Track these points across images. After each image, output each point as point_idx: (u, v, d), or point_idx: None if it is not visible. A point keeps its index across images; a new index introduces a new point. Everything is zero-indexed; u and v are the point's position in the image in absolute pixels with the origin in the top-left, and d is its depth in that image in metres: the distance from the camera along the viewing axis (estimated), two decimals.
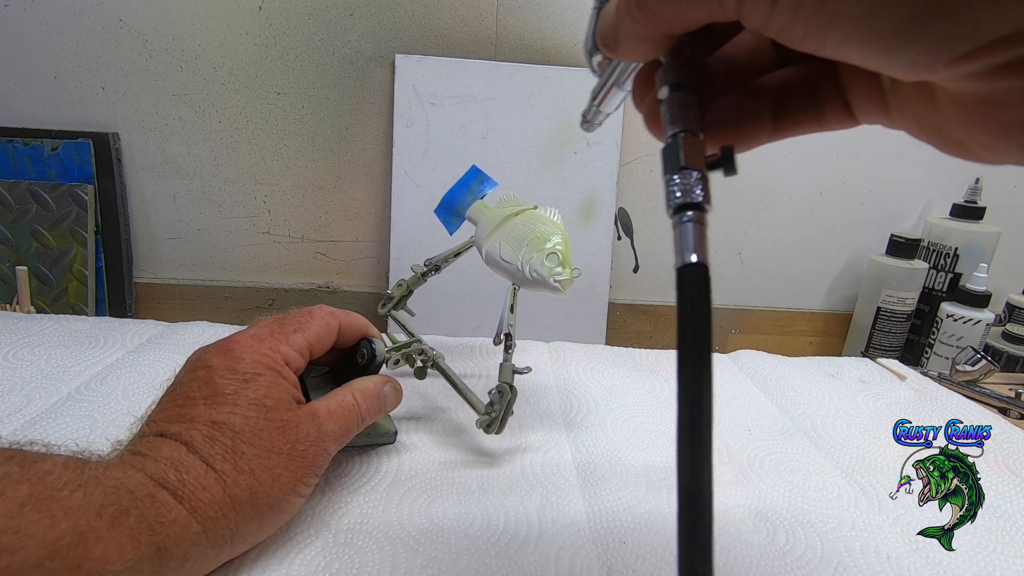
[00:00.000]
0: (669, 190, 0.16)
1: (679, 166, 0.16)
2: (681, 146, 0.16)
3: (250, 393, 0.29)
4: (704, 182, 0.16)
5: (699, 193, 0.15)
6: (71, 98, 0.73)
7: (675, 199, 0.15)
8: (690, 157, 0.16)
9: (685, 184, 0.15)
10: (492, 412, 0.36)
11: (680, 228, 0.15)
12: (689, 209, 0.15)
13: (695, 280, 0.15)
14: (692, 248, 0.15)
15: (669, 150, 0.16)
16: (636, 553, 0.31)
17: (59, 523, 0.21)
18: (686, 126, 0.16)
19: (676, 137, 0.16)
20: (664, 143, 0.16)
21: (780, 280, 0.89)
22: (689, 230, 0.15)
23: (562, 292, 0.35)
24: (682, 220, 0.15)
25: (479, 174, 0.42)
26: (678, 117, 0.16)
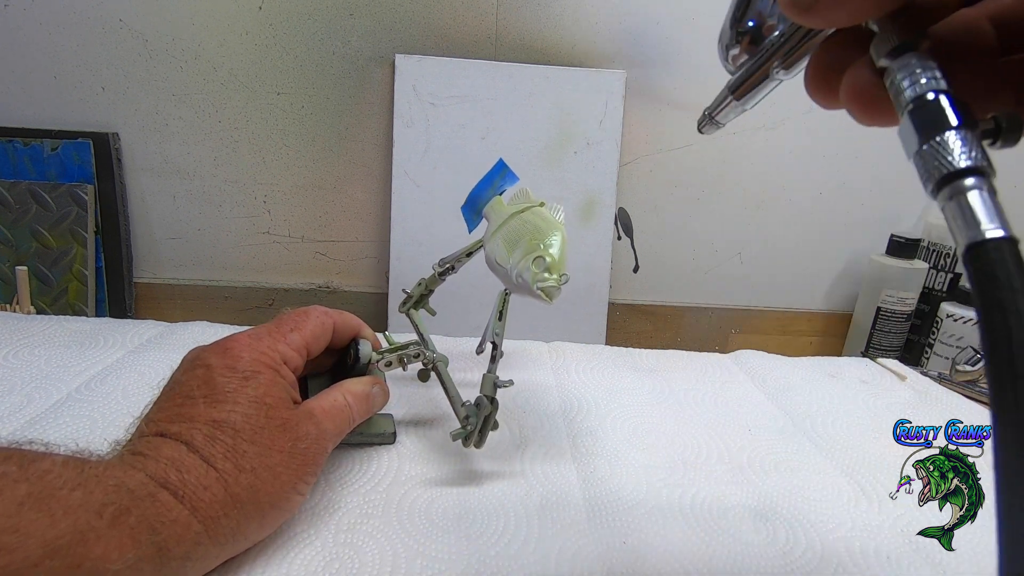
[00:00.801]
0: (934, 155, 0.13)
1: (947, 126, 0.13)
2: (947, 105, 0.13)
3: (250, 391, 0.29)
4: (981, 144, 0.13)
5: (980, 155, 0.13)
6: (71, 98, 0.73)
7: (946, 166, 0.13)
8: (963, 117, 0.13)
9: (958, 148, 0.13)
10: (468, 426, 0.36)
11: (960, 199, 0.12)
12: (970, 175, 0.12)
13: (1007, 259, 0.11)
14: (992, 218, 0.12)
15: (926, 112, 0.13)
16: (636, 553, 0.31)
17: (59, 522, 0.21)
18: (940, 85, 0.13)
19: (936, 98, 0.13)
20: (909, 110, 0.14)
21: (780, 280, 0.89)
22: (978, 198, 0.12)
23: (546, 301, 0.31)
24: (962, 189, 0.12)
25: (503, 168, 0.40)
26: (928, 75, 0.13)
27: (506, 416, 0.44)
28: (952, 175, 0.12)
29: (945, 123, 0.13)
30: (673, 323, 0.88)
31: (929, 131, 0.13)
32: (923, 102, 0.13)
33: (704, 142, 0.80)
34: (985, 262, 0.11)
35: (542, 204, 0.37)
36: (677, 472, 0.39)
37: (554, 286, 0.31)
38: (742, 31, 0.18)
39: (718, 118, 0.23)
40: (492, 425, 0.36)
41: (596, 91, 0.75)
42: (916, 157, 0.13)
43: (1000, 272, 0.11)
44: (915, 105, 0.13)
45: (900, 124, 0.14)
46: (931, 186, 0.13)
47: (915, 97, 0.14)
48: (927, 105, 0.13)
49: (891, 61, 0.14)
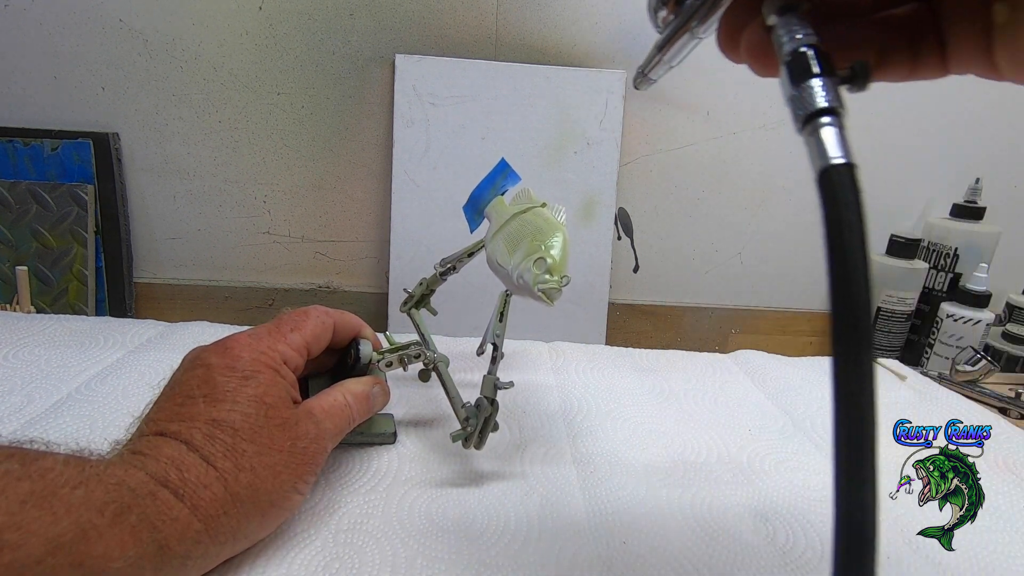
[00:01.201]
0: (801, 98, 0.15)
1: (810, 73, 0.15)
2: (811, 57, 0.16)
3: (249, 391, 0.29)
4: (837, 89, 0.15)
5: (835, 98, 0.15)
6: (71, 98, 0.73)
7: (808, 106, 0.15)
8: (823, 66, 0.15)
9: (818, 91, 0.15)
10: (468, 427, 0.36)
11: (817, 134, 0.15)
12: (826, 115, 0.15)
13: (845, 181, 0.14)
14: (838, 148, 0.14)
15: (797, 63, 0.16)
16: (636, 553, 0.31)
17: (61, 520, 0.21)
18: (811, 40, 0.16)
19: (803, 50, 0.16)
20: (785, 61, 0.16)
21: (780, 280, 0.89)
22: (830, 132, 0.15)
23: (547, 302, 0.31)
24: (819, 126, 0.15)
25: (505, 168, 0.40)
26: (799, 31, 0.16)
27: (506, 416, 0.44)
28: (812, 114, 0.15)
29: (810, 72, 0.15)
30: (673, 323, 0.88)
31: (798, 79, 0.16)
32: (796, 54, 0.16)
33: (704, 142, 0.80)
34: (829, 183, 0.14)
35: (544, 205, 0.37)
36: (677, 472, 0.39)
37: (555, 288, 0.31)
38: None
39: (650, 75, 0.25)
40: (492, 427, 0.36)
41: (596, 91, 0.75)
42: (789, 102, 0.16)
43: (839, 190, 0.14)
44: (790, 57, 0.16)
45: (780, 74, 0.16)
46: (798, 124, 0.15)
47: (790, 51, 0.16)
48: (798, 57, 0.16)
49: (776, 20, 0.17)
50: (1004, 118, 0.83)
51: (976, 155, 0.85)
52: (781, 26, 0.16)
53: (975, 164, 0.84)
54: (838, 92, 0.15)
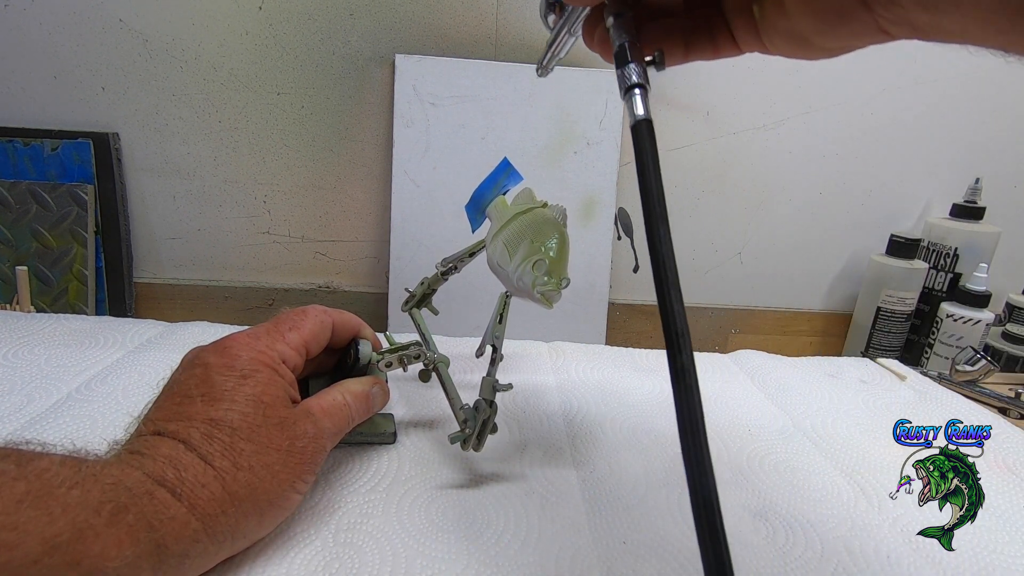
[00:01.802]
0: (622, 77, 0.23)
1: (627, 60, 0.23)
2: (628, 48, 0.23)
3: (247, 390, 0.29)
4: (644, 70, 0.23)
5: (642, 76, 0.22)
6: (71, 98, 0.73)
7: (626, 82, 0.22)
8: (634, 55, 0.23)
9: (632, 72, 0.22)
10: (466, 429, 0.35)
11: (631, 100, 0.22)
12: (636, 88, 0.22)
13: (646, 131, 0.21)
14: (641, 109, 0.22)
15: (619, 53, 0.23)
16: (636, 553, 0.31)
17: (57, 520, 0.21)
18: (630, 38, 0.23)
19: (624, 44, 0.23)
20: (614, 52, 0.23)
21: (780, 280, 0.89)
22: (638, 99, 0.22)
23: (546, 305, 0.31)
24: (632, 94, 0.22)
25: (507, 167, 0.39)
26: (623, 32, 0.23)
27: (506, 416, 0.44)
28: (629, 87, 0.22)
29: (626, 58, 0.23)
30: None
31: (620, 63, 0.23)
32: (619, 47, 0.23)
33: (704, 142, 0.80)
34: (637, 131, 0.21)
35: (545, 205, 0.37)
36: (677, 472, 0.39)
37: (554, 290, 0.31)
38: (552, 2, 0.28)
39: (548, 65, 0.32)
40: (491, 428, 0.36)
41: (596, 91, 0.75)
42: (618, 79, 0.23)
43: (641, 134, 0.21)
44: (616, 49, 0.23)
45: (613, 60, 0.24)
46: (622, 93, 0.22)
47: (617, 45, 0.23)
48: (620, 49, 0.23)
49: (611, 23, 0.24)
50: (1004, 118, 0.83)
51: (976, 155, 0.85)
52: (612, 28, 0.24)
53: (975, 164, 0.84)
54: (645, 71, 0.23)
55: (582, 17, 0.27)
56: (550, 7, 0.28)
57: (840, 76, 0.78)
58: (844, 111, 0.79)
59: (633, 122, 0.21)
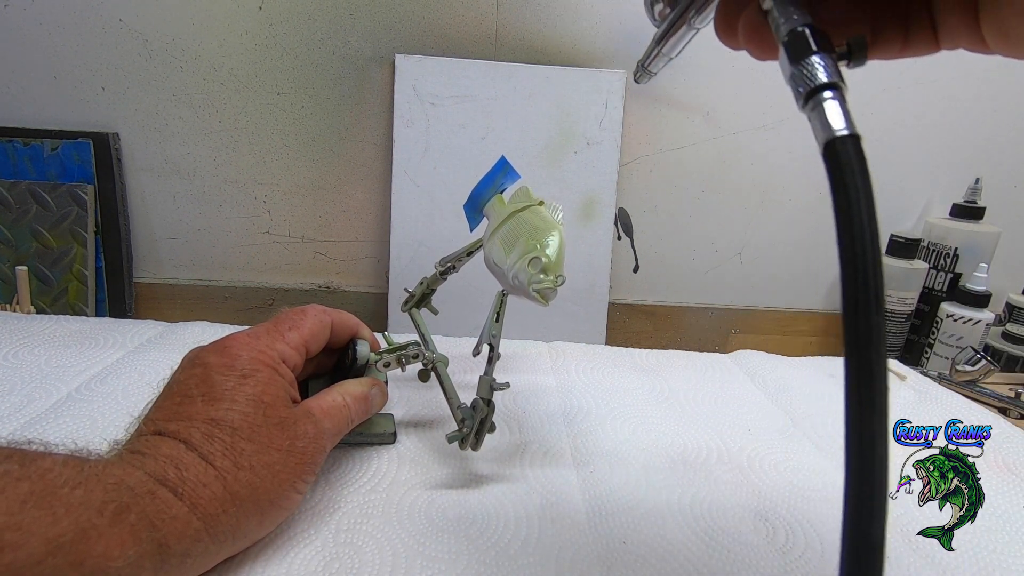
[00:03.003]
0: (802, 75, 0.16)
1: (810, 51, 0.16)
2: (810, 35, 0.16)
3: (248, 390, 0.29)
4: (836, 64, 0.16)
5: (835, 73, 0.16)
6: (71, 98, 0.73)
7: (810, 82, 0.16)
8: (819, 43, 0.16)
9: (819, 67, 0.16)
10: (464, 428, 0.36)
11: (820, 108, 0.15)
12: (828, 90, 0.15)
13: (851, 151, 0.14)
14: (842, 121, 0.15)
15: (795, 42, 0.16)
16: (636, 553, 0.31)
17: (60, 520, 0.21)
18: (807, 20, 0.17)
19: (802, 29, 0.16)
20: (783, 41, 0.17)
21: (780, 280, 0.89)
22: (833, 106, 0.15)
23: (542, 302, 0.31)
24: (821, 100, 0.15)
25: (505, 166, 0.39)
26: (797, 12, 0.17)
27: (506, 416, 0.44)
28: (814, 90, 0.16)
29: (808, 49, 0.16)
30: (673, 323, 0.88)
31: (797, 57, 0.16)
32: (793, 34, 0.17)
33: (704, 142, 0.80)
34: (835, 154, 0.14)
35: (541, 203, 0.36)
36: (677, 472, 0.39)
37: (550, 288, 0.31)
38: None
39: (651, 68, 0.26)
40: (489, 428, 0.36)
41: (596, 91, 0.75)
42: (790, 80, 0.16)
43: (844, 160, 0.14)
44: (788, 37, 0.17)
45: (779, 55, 0.17)
46: (801, 101, 0.16)
47: (788, 31, 0.17)
48: (795, 36, 0.16)
49: (772, 3, 0.17)
50: (1004, 118, 0.83)
51: (976, 155, 0.85)
52: (777, 8, 0.17)
53: (975, 164, 0.84)
54: (837, 67, 0.16)
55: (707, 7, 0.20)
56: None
57: None
58: None
59: (828, 140, 0.15)
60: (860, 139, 0.14)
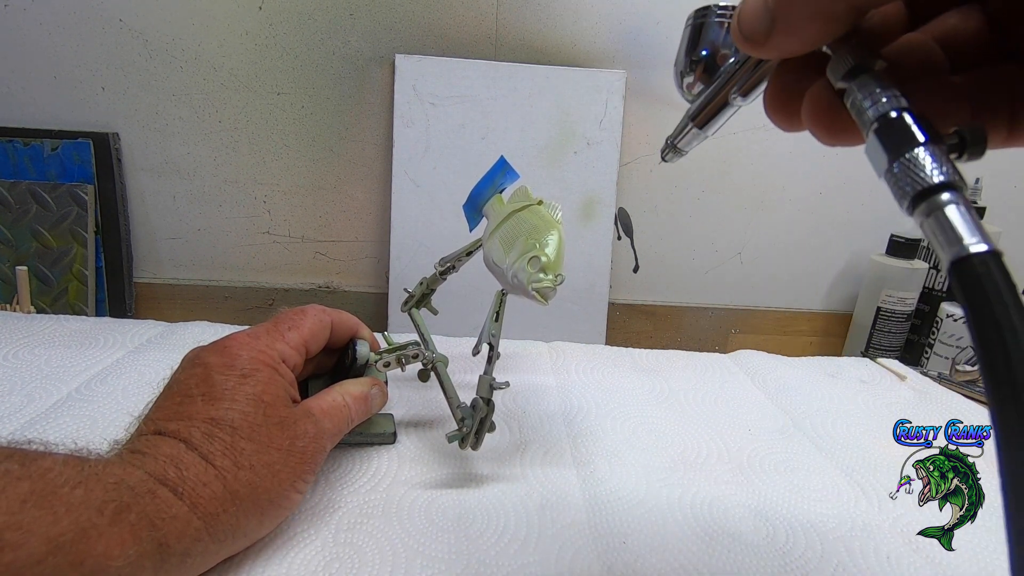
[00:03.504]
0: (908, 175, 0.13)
1: (917, 143, 0.13)
2: (912, 123, 0.13)
3: (248, 389, 0.29)
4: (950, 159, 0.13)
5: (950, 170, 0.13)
6: (71, 98, 0.73)
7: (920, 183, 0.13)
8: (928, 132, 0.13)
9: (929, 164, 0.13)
10: (463, 428, 0.36)
11: (939, 214, 0.12)
12: (946, 191, 0.12)
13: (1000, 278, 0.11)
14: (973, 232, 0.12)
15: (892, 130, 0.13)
16: (636, 553, 0.31)
17: (61, 519, 0.21)
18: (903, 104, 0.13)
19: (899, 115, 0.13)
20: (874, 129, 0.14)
21: (780, 280, 0.89)
22: (956, 213, 0.12)
23: (541, 302, 0.31)
24: (940, 204, 0.12)
25: (504, 166, 0.39)
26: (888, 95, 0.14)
27: (506, 416, 0.44)
28: (927, 191, 0.12)
29: (913, 140, 0.13)
30: (673, 323, 0.88)
31: (897, 148, 0.13)
32: (887, 120, 0.14)
33: (704, 142, 0.80)
34: (972, 277, 0.11)
35: (540, 202, 0.36)
36: (677, 472, 0.39)
37: (549, 287, 0.31)
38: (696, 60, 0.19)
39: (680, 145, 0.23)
40: (489, 427, 0.35)
41: (596, 91, 0.75)
42: (887, 175, 0.13)
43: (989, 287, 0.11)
44: (880, 124, 0.14)
45: (867, 143, 0.14)
46: (906, 203, 0.13)
47: (879, 116, 0.14)
48: (892, 123, 0.13)
49: (850, 82, 0.14)
50: None
51: None
52: (859, 88, 0.14)
53: (975, 164, 0.84)
54: (952, 162, 0.13)
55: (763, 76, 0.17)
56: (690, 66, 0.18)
57: None
58: None
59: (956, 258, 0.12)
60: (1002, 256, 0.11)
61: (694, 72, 0.17)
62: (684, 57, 0.17)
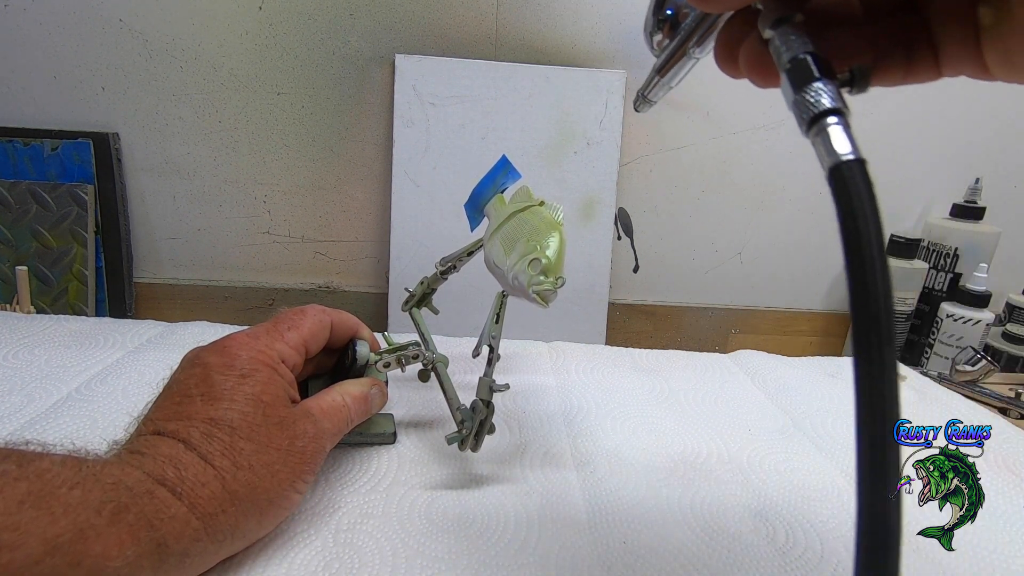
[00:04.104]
0: (805, 102, 0.16)
1: (813, 78, 0.16)
2: (812, 62, 0.16)
3: (247, 389, 0.29)
4: (839, 91, 0.16)
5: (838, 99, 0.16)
6: (71, 98, 0.73)
7: (812, 108, 0.16)
8: (822, 70, 0.16)
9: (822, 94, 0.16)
10: (463, 430, 0.35)
11: (825, 134, 0.15)
12: (831, 115, 0.15)
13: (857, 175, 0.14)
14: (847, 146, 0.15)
15: (798, 69, 0.16)
16: (636, 553, 0.31)
17: (58, 520, 0.21)
18: (809, 47, 0.17)
19: (804, 57, 0.17)
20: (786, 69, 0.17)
21: (780, 280, 0.89)
22: (837, 131, 0.15)
23: (541, 304, 0.31)
24: (825, 126, 0.15)
25: (506, 165, 0.39)
26: (798, 40, 0.17)
27: (506, 416, 0.44)
28: (818, 115, 0.15)
29: (811, 76, 0.16)
30: (673, 323, 0.88)
31: (799, 84, 0.16)
32: (795, 61, 0.17)
33: (704, 142, 0.80)
34: (841, 179, 0.14)
35: (542, 203, 0.36)
36: (677, 472, 0.39)
37: (549, 289, 0.31)
38: (662, 19, 0.22)
39: (650, 96, 0.26)
40: (488, 429, 0.35)
41: (596, 91, 0.75)
42: (793, 106, 0.16)
43: (851, 185, 0.14)
44: (790, 65, 0.17)
45: (781, 82, 0.17)
46: (804, 127, 0.16)
47: (790, 59, 0.17)
48: (797, 64, 0.17)
49: (772, 32, 0.17)
50: (1004, 118, 0.83)
51: (976, 155, 0.85)
52: (778, 38, 0.17)
53: (975, 164, 0.84)
54: (840, 93, 0.16)
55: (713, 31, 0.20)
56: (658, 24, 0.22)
57: None
58: None
59: (834, 164, 0.15)
60: (866, 163, 0.15)
61: (661, 30, 0.22)
62: (652, 17, 0.23)
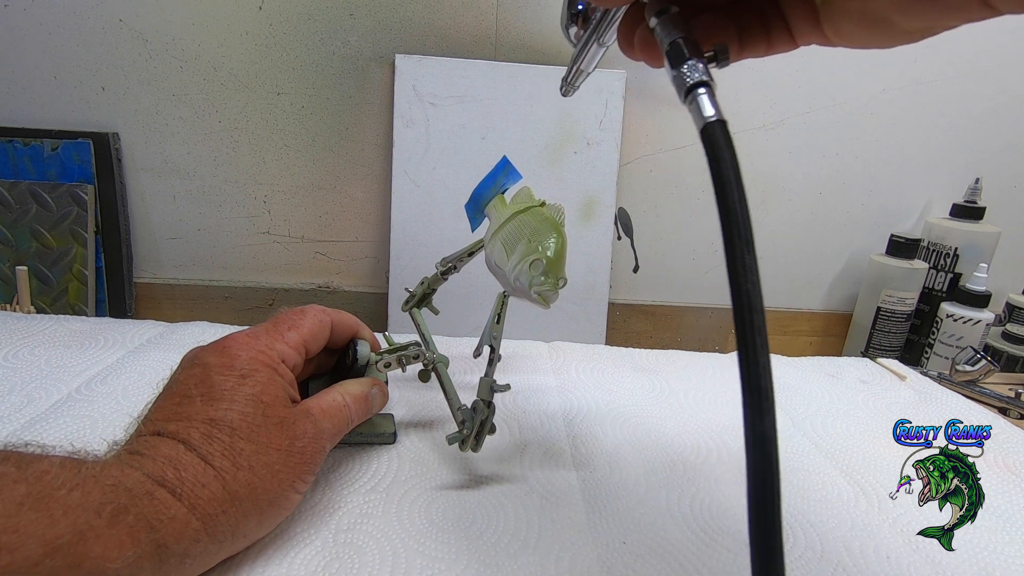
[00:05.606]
0: (680, 78, 0.19)
1: (685, 57, 0.19)
2: (683, 45, 0.20)
3: (247, 389, 0.29)
4: (706, 66, 0.19)
5: (705, 73, 0.19)
6: (71, 98, 0.73)
7: (686, 81, 0.19)
8: (691, 51, 0.20)
9: (693, 69, 0.19)
10: (464, 430, 0.35)
11: (696, 101, 0.19)
12: (700, 87, 0.19)
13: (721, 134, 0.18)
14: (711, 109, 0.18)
15: (673, 51, 0.20)
16: (636, 553, 0.31)
17: (58, 522, 0.21)
18: (683, 33, 0.20)
19: (677, 41, 0.20)
20: (665, 51, 0.20)
21: (780, 280, 0.89)
22: (705, 99, 0.18)
23: (543, 305, 0.31)
24: (696, 95, 0.19)
25: (506, 166, 0.39)
26: (672, 28, 0.20)
27: (506, 416, 0.44)
28: (691, 88, 0.19)
29: (683, 56, 0.20)
30: (673, 323, 0.88)
31: (676, 62, 0.20)
32: (672, 45, 0.20)
33: None
34: (708, 135, 0.18)
35: (543, 204, 0.36)
36: (677, 472, 0.39)
37: (551, 290, 0.31)
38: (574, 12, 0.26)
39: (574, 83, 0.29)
40: (489, 429, 0.35)
41: (596, 91, 0.75)
42: (673, 81, 0.20)
43: (714, 137, 0.18)
44: (668, 47, 0.20)
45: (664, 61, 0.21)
46: (682, 96, 0.19)
47: (668, 42, 0.20)
48: (672, 46, 0.20)
49: (655, 22, 0.21)
50: (1004, 118, 0.83)
51: (976, 155, 0.85)
52: (659, 26, 0.21)
53: (975, 164, 0.84)
54: (707, 69, 0.19)
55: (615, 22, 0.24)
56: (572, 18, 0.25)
57: (840, 76, 0.78)
58: (844, 111, 0.79)
59: (702, 125, 0.18)
60: (726, 123, 0.18)
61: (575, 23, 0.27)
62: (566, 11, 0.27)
